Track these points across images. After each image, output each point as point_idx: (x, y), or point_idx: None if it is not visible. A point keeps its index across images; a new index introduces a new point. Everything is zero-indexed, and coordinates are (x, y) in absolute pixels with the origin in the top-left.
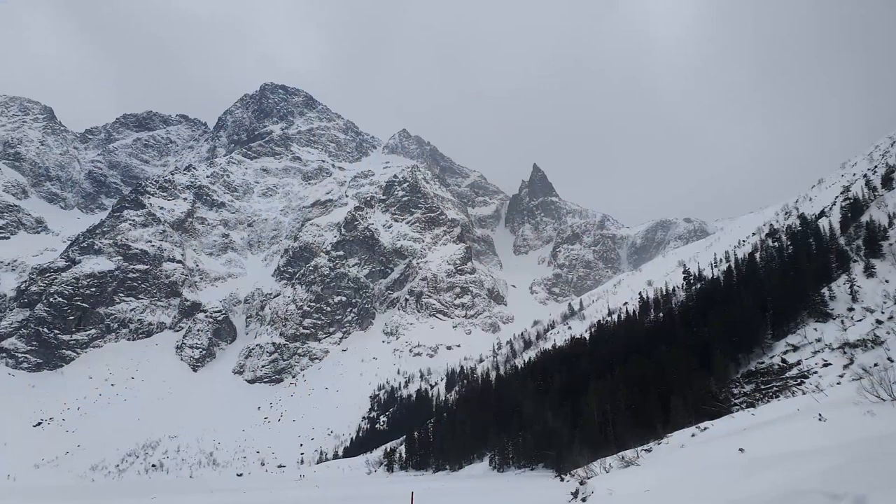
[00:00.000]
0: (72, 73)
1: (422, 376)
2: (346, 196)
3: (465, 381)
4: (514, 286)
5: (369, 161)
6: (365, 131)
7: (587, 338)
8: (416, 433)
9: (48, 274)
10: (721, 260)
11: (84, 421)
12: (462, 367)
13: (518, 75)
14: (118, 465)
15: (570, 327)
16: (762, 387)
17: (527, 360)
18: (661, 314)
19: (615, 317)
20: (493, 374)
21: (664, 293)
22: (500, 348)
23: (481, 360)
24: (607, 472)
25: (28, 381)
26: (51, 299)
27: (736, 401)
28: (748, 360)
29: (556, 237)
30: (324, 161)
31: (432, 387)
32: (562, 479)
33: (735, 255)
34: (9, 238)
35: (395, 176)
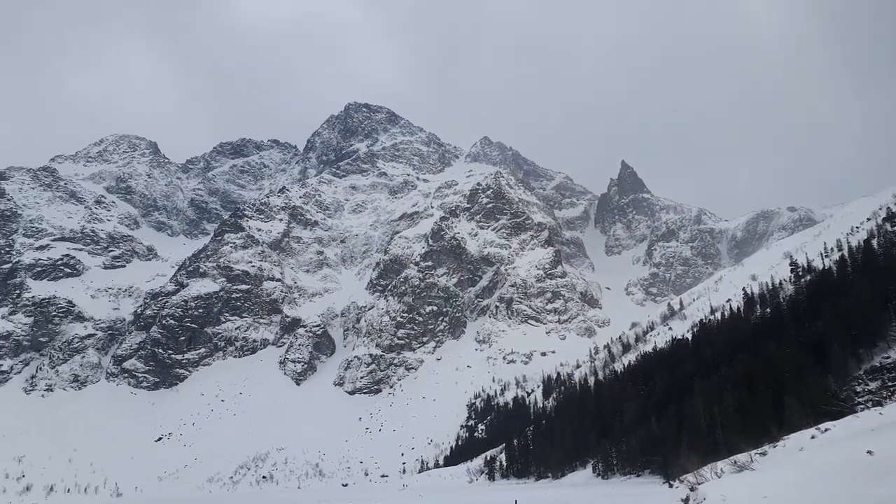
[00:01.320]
0: (171, 107)
1: (517, 383)
2: (432, 207)
3: (563, 388)
4: (608, 288)
5: (452, 171)
6: (447, 142)
7: (689, 338)
8: (515, 441)
9: (160, 298)
10: (832, 249)
11: (199, 435)
12: (559, 374)
13: (600, 68)
14: (232, 477)
15: (670, 328)
16: (889, 383)
17: (626, 363)
18: (767, 310)
19: (718, 315)
20: (591, 380)
21: (770, 287)
22: (597, 353)
23: (578, 366)
24: (719, 477)
25: (148, 399)
26: (163, 321)
27: (860, 399)
28: (871, 356)
29: (651, 235)
30: (408, 174)
31: (529, 394)
32: (670, 486)
33: (848, 242)
34: (125, 266)
35: (478, 184)
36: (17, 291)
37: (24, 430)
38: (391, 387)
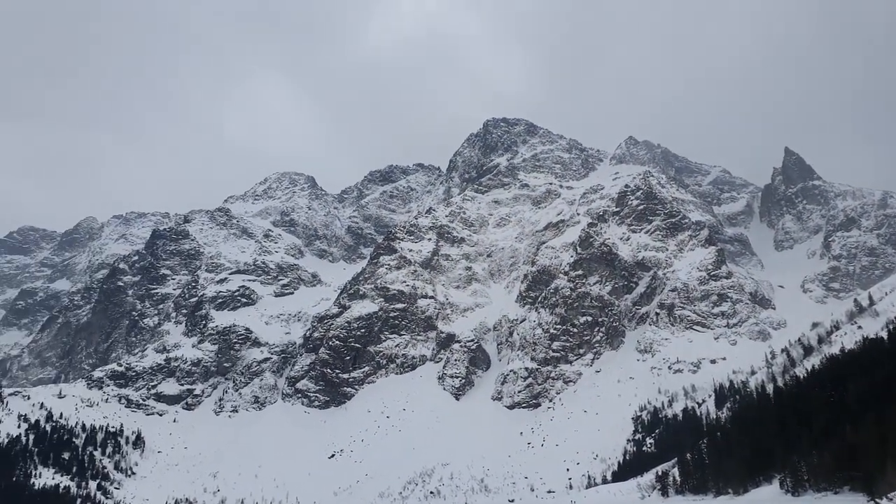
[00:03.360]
0: (319, 141)
1: (686, 394)
2: (578, 214)
3: (738, 397)
4: (781, 286)
5: (597, 175)
6: (589, 146)
7: (885, 337)
8: (688, 455)
9: (325, 321)
10: None
11: (368, 451)
12: (731, 382)
13: (750, 46)
14: (401, 493)
15: (859, 327)
16: None
17: (809, 368)
18: None
19: None
20: (769, 387)
21: None
22: (773, 357)
23: (753, 373)
24: None
25: (320, 417)
26: (330, 343)
27: None
28: None
29: (826, 225)
30: (551, 183)
31: (699, 405)
32: None
33: None
34: (293, 293)
35: (626, 186)
36: (204, 322)
37: (216, 449)
38: (550, 400)
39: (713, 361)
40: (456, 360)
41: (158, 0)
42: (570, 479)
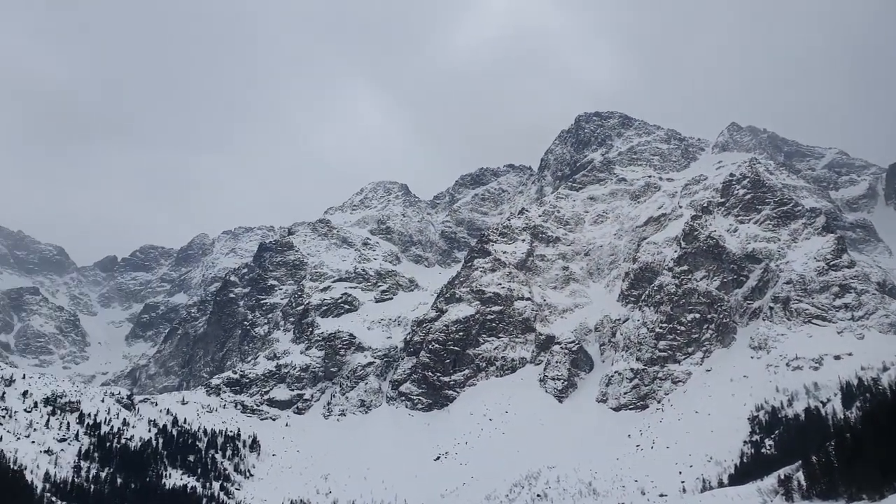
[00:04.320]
0: (410, 148)
1: (808, 393)
2: (680, 207)
3: (868, 395)
4: None
5: (698, 165)
6: (688, 135)
7: None
8: (814, 458)
9: (424, 325)
10: None
11: (472, 454)
12: (860, 379)
13: (861, 13)
14: (507, 495)
15: None
16: None
17: None
18: None
19: None
20: None
21: None
22: None
23: (885, 369)
24: None
25: (424, 420)
26: (429, 346)
27: None
28: None
29: None
30: (649, 176)
31: (823, 404)
32: None
33: None
34: (392, 299)
35: (731, 175)
36: (310, 329)
37: (326, 451)
38: (658, 402)
39: (837, 357)
40: (557, 362)
41: (257, 23)
42: (682, 482)
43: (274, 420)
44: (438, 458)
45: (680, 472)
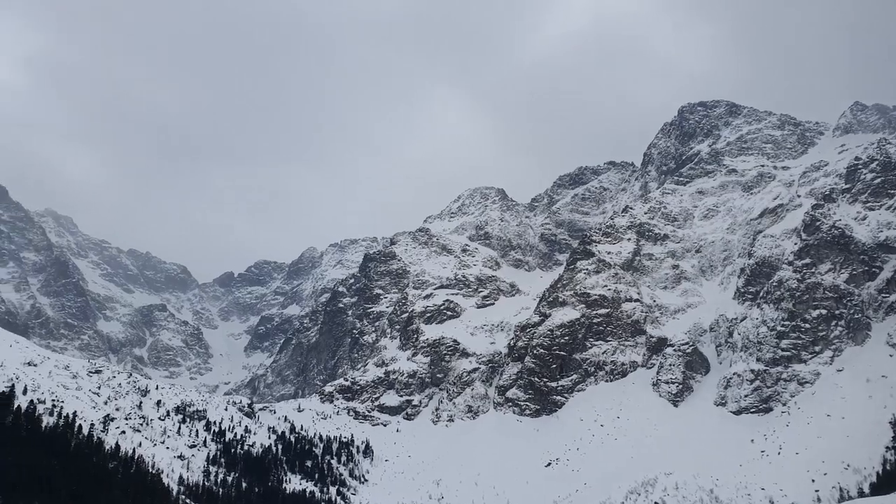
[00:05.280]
0: (507, 151)
1: None
2: (798, 196)
3: None
4: None
5: (817, 151)
6: (804, 119)
7: None
8: None
9: (528, 329)
10: None
11: (584, 460)
12: None
13: None
14: (623, 503)
15: None
16: None
17: None
18: None
19: None
20: None
21: None
22: None
23: None
24: None
25: (532, 425)
26: (534, 351)
27: None
28: None
29: None
30: (762, 165)
31: None
32: None
33: None
34: (493, 304)
35: (856, 158)
36: (415, 336)
37: (437, 457)
38: (784, 404)
39: None
40: (670, 364)
41: (340, 40)
42: (816, 490)
43: (385, 426)
44: (549, 464)
45: (813, 481)
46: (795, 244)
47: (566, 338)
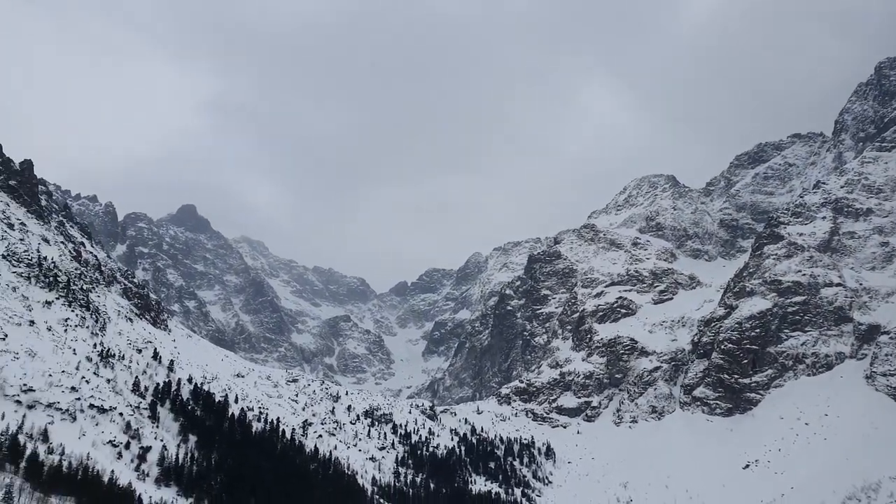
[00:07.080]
0: (672, 136)
1: None
2: None
3: None
4: None
5: None
6: None
7: None
8: None
9: (713, 323)
10: None
11: (787, 462)
12: None
13: None
14: None
15: None
16: None
17: None
18: None
19: None
20: None
21: None
22: None
23: None
24: None
25: (724, 425)
26: (721, 346)
27: None
28: None
29: None
30: None
31: None
32: None
33: None
34: (672, 299)
35: None
36: (589, 336)
37: (622, 459)
38: None
39: None
40: (887, 354)
41: (487, 42)
42: None
43: (564, 427)
44: (747, 466)
45: None
46: None
47: (757, 330)
